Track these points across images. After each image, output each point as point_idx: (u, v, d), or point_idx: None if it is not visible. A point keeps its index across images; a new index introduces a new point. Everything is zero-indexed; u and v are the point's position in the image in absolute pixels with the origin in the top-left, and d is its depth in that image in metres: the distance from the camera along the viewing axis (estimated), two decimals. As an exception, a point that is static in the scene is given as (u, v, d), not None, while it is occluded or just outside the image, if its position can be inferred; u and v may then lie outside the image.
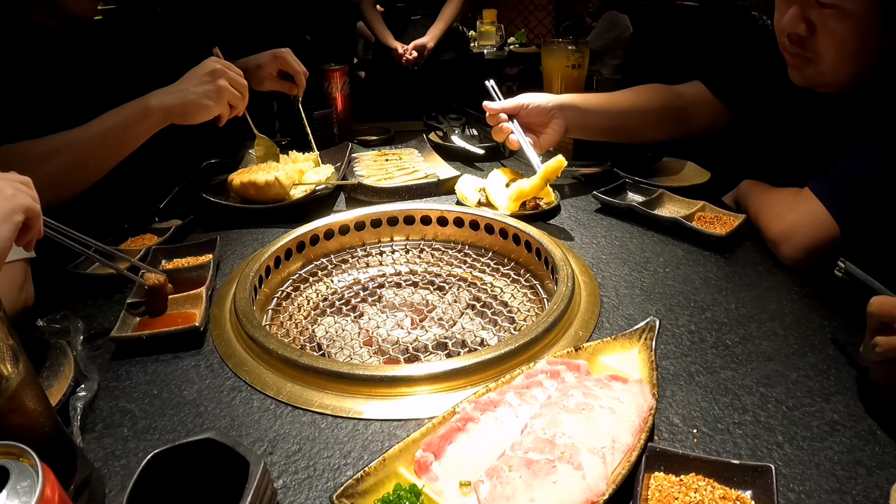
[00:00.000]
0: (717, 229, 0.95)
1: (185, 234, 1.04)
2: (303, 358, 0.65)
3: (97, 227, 1.01)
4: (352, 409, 0.61)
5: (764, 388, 0.62)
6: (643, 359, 0.62)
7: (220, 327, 0.76)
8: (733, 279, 0.84)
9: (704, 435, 0.57)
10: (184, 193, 1.20)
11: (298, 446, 0.57)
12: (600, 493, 0.46)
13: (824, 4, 0.86)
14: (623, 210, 1.05)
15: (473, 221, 1.00)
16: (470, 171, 1.30)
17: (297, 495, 0.51)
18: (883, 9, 0.84)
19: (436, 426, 0.53)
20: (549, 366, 0.60)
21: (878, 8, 0.84)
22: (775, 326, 0.73)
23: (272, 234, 1.04)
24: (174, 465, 0.46)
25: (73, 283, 0.86)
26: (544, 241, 0.88)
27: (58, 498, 0.37)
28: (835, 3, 0.85)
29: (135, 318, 0.76)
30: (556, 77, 1.50)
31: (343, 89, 1.55)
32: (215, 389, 0.65)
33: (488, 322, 0.82)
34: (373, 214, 1.01)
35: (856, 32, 0.87)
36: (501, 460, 0.49)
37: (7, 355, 0.43)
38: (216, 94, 1.04)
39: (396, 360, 0.75)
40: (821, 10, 0.87)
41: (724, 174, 1.18)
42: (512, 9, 5.81)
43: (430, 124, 1.60)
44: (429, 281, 0.95)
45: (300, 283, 0.93)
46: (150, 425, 0.60)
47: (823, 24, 0.88)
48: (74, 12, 1.11)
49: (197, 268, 0.86)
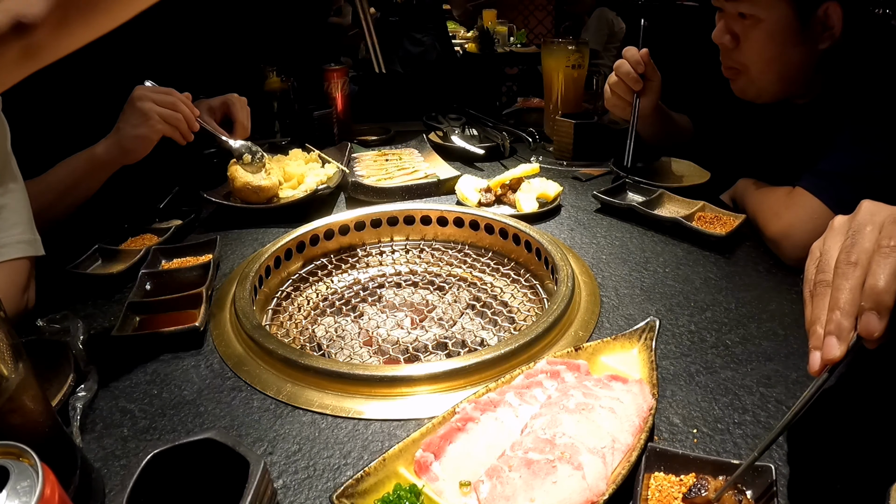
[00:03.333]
0: (717, 229, 0.95)
1: (185, 234, 1.04)
2: (303, 358, 0.65)
3: (97, 227, 1.01)
4: (352, 409, 0.61)
5: (764, 388, 0.62)
6: (643, 359, 0.62)
7: (220, 327, 0.76)
8: (733, 279, 0.84)
9: (704, 435, 0.57)
10: (184, 193, 1.19)
11: (298, 446, 0.57)
12: (600, 493, 0.46)
13: (744, 15, 0.94)
14: (623, 210, 1.05)
15: (473, 221, 1.00)
16: (470, 171, 1.30)
17: (297, 495, 0.51)
18: (799, 18, 0.90)
19: (436, 426, 0.53)
20: (549, 366, 0.60)
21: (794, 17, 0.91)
22: (775, 326, 0.73)
23: (272, 234, 1.04)
24: (174, 465, 0.46)
25: (73, 283, 0.86)
26: (544, 241, 0.88)
27: (58, 498, 0.37)
28: (752, 14, 0.92)
29: (135, 318, 0.76)
30: (556, 77, 1.50)
31: (343, 89, 1.55)
32: (215, 389, 0.65)
33: (488, 322, 0.82)
34: (373, 214, 1.01)
35: (773, 39, 0.93)
36: (501, 460, 0.49)
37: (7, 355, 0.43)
38: (142, 119, 1.02)
39: (396, 360, 0.75)
40: (742, 21, 0.95)
41: (724, 174, 1.19)
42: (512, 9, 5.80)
43: (430, 124, 1.60)
44: (429, 281, 0.95)
45: (300, 283, 0.93)
46: (150, 425, 0.60)
47: (745, 34, 0.96)
48: None
49: (197, 268, 0.86)
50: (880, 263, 0.46)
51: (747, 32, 0.95)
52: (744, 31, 0.95)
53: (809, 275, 0.51)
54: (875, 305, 0.45)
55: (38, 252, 0.79)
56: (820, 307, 0.48)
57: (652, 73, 1.20)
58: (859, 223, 0.50)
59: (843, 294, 0.47)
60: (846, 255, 0.48)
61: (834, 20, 0.90)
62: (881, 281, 0.45)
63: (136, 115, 1.02)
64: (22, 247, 0.76)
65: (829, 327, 0.47)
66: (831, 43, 0.92)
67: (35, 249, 0.78)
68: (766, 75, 0.97)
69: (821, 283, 0.49)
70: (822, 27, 0.91)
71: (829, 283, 0.48)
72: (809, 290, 0.50)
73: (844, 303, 0.46)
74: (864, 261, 0.47)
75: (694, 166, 1.26)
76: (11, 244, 0.75)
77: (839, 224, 0.52)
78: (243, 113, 1.22)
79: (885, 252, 0.47)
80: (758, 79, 0.98)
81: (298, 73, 1.61)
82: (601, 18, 3.79)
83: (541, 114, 1.73)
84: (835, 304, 0.47)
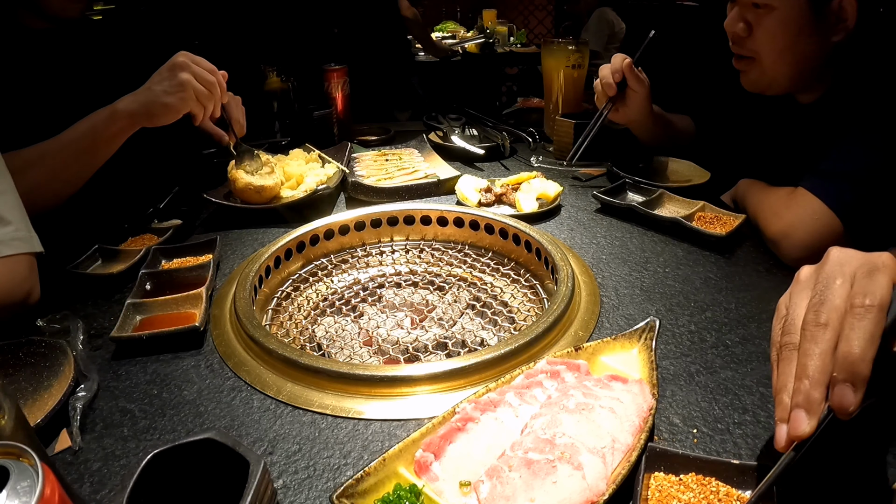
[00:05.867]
0: (717, 229, 0.95)
1: (185, 234, 1.04)
2: (303, 358, 0.65)
3: (97, 227, 1.01)
4: (352, 409, 0.61)
5: (764, 388, 0.62)
6: (643, 359, 0.62)
7: (220, 327, 0.76)
8: (733, 279, 0.84)
9: (704, 435, 0.57)
10: (184, 193, 1.19)
11: (298, 446, 0.57)
12: (600, 493, 0.46)
13: (758, 4, 0.93)
14: (623, 210, 1.05)
15: (473, 221, 1.00)
16: (470, 171, 1.30)
17: (297, 495, 0.51)
18: (812, 8, 0.90)
19: (436, 426, 0.53)
20: (549, 366, 0.60)
21: (808, 7, 0.90)
22: (775, 326, 0.73)
23: (272, 234, 1.04)
24: (174, 465, 0.46)
25: (73, 283, 0.86)
26: (544, 241, 0.88)
27: (58, 498, 0.37)
28: (765, 2, 0.92)
29: (135, 318, 0.76)
30: (556, 77, 1.50)
31: (343, 89, 1.55)
32: (215, 389, 0.65)
33: (488, 322, 0.82)
34: (373, 214, 1.01)
35: (786, 28, 0.93)
36: (501, 460, 0.49)
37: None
38: (177, 88, 0.98)
39: (396, 360, 0.75)
40: (755, 10, 0.94)
41: (724, 174, 1.19)
42: (512, 9, 5.80)
43: (430, 124, 1.60)
44: (429, 281, 0.95)
45: (300, 283, 0.93)
46: (150, 425, 0.60)
47: (758, 22, 0.95)
48: (59, 13, 1.09)
49: (197, 268, 0.86)
50: (854, 326, 0.41)
51: (760, 21, 0.94)
52: (756, 20, 0.95)
53: (775, 336, 0.46)
54: (850, 376, 0.40)
55: (35, 248, 0.78)
56: (786, 374, 0.43)
57: (635, 82, 1.20)
58: (827, 276, 0.45)
59: (812, 360, 0.41)
60: (814, 315, 0.43)
61: (848, 13, 0.89)
62: (855, 348, 0.40)
63: (172, 81, 0.98)
64: (17, 244, 0.76)
65: (797, 399, 0.41)
66: (844, 36, 0.91)
67: (31, 246, 0.78)
68: (778, 65, 0.96)
69: (787, 345, 0.44)
70: (836, 19, 0.90)
71: (796, 345, 0.43)
72: (776, 353, 0.46)
73: (814, 370, 0.41)
74: (835, 321, 0.42)
75: (694, 166, 1.26)
76: (6, 241, 0.75)
77: (805, 277, 0.47)
78: (239, 111, 1.21)
79: (859, 313, 0.41)
80: (769, 69, 0.97)
81: (298, 73, 1.61)
82: (601, 18, 3.80)
83: (541, 114, 1.73)
84: (802, 373, 0.42)
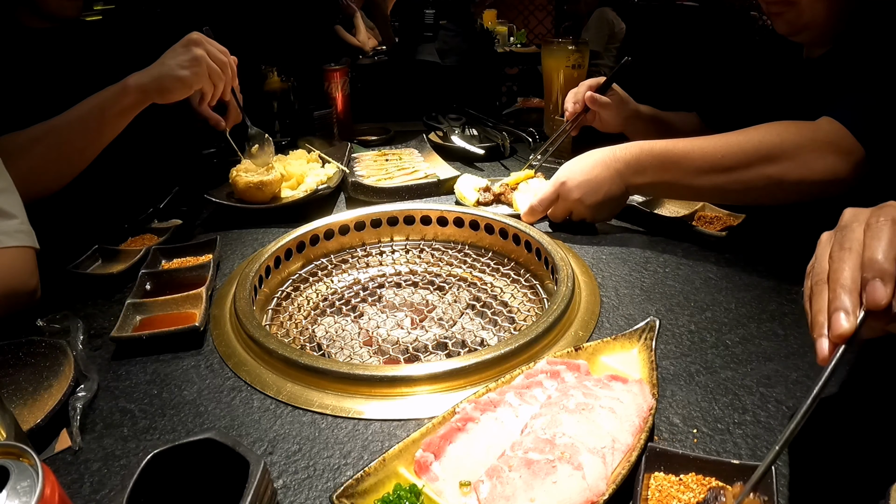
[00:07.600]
0: (717, 229, 0.95)
1: (185, 234, 1.04)
2: (303, 358, 0.65)
3: (97, 227, 1.01)
4: (352, 409, 0.61)
5: (764, 388, 0.62)
6: (643, 359, 0.62)
7: (220, 327, 0.76)
8: (733, 279, 0.84)
9: (704, 435, 0.57)
10: (184, 193, 1.19)
11: (298, 446, 0.57)
12: (600, 493, 0.46)
13: None
14: (623, 210, 1.05)
15: (473, 221, 1.00)
16: (470, 171, 1.30)
17: (297, 495, 0.51)
18: None
19: (436, 426, 0.53)
20: (549, 366, 0.60)
21: None
22: (775, 326, 0.73)
23: (272, 234, 1.04)
24: (174, 465, 0.46)
25: (73, 283, 0.86)
26: (544, 241, 0.88)
27: (58, 498, 0.37)
28: None
29: (135, 318, 0.76)
30: (556, 77, 1.50)
31: (343, 89, 1.55)
32: (215, 389, 0.65)
33: (488, 322, 0.82)
34: (373, 214, 1.01)
35: None
36: (501, 460, 0.49)
37: None
38: (192, 63, 0.98)
39: (396, 360, 0.75)
40: None
41: None
42: (512, 9, 5.81)
43: (430, 124, 1.60)
44: (429, 281, 0.95)
45: (300, 283, 0.93)
46: (150, 425, 0.60)
47: None
48: (57, 13, 1.09)
49: (197, 268, 0.86)
50: (874, 236, 0.45)
51: None
52: None
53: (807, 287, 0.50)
54: (878, 273, 0.44)
55: (35, 245, 0.79)
56: (820, 302, 0.46)
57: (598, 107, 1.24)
58: (845, 223, 0.49)
59: (843, 273, 0.45)
60: (839, 247, 0.47)
61: None
62: (879, 252, 0.44)
63: (187, 56, 0.98)
64: (21, 236, 0.77)
65: (835, 304, 0.45)
66: None
67: (32, 241, 0.79)
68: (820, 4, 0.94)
69: (818, 283, 0.48)
70: None
71: (825, 281, 0.47)
72: (808, 296, 0.49)
73: (845, 279, 0.45)
74: (857, 245, 0.46)
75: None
76: (11, 233, 0.76)
77: (826, 237, 0.51)
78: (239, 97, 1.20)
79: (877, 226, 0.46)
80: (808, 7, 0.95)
81: (298, 73, 1.61)
82: (601, 19, 3.81)
83: (541, 114, 1.73)
84: (835, 284, 0.45)
